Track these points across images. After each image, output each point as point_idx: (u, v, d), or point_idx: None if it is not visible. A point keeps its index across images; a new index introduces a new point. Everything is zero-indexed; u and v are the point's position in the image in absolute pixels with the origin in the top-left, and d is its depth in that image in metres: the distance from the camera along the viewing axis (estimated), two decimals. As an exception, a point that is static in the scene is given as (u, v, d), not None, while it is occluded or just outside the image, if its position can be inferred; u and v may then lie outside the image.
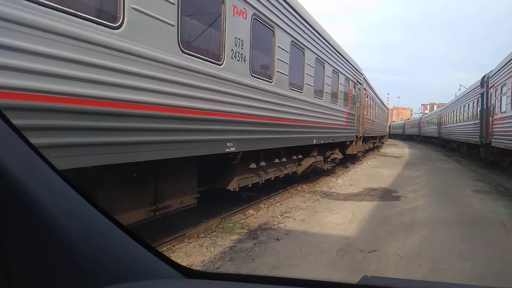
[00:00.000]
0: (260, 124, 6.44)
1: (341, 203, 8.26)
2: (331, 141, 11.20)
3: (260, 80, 6.39)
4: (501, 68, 13.94)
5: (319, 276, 4.14)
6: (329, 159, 12.24)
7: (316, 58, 9.59)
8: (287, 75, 7.54)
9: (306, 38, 8.71)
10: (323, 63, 10.29)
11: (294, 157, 8.97)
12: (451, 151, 28.43)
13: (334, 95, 11.61)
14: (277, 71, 7.07)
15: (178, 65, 4.23)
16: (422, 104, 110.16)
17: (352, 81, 14.57)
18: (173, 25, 4.06)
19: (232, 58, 5.46)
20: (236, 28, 5.52)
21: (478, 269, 4.40)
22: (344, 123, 13.04)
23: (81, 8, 3.03)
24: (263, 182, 7.44)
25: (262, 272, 4.12)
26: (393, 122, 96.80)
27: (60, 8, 2.83)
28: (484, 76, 17.10)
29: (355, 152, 16.21)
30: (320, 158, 10.74)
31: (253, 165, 6.83)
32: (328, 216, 6.92)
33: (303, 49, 8.58)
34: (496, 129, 14.38)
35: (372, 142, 25.34)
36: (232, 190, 6.36)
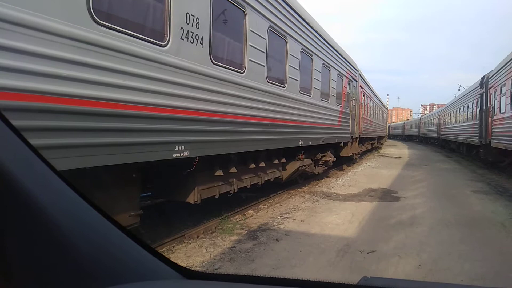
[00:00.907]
0: (226, 124, 5.29)
1: (340, 203, 8.25)
2: (321, 143, 10.00)
3: (226, 70, 5.26)
4: (500, 69, 13.96)
5: (319, 276, 4.14)
6: (320, 162, 11.15)
7: (302, 49, 8.40)
8: (263, 66, 6.43)
9: (289, 25, 7.54)
10: (311, 55, 9.07)
11: (276, 161, 7.86)
12: (451, 151, 28.46)
13: (324, 92, 10.36)
14: (250, 60, 5.96)
15: (93, 42, 3.14)
16: (421, 105, 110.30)
17: (346, 77, 13.21)
18: None
19: (182, 39, 4.33)
20: (188, 1, 4.49)
21: (478, 270, 4.40)
22: (337, 123, 11.82)
23: None
24: (235, 191, 6.44)
25: (261, 273, 4.12)
26: (393, 122, 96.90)
27: None
28: (484, 76, 17.12)
29: (350, 154, 14.98)
30: (309, 161, 9.61)
31: (219, 172, 5.69)
32: (327, 216, 6.92)
33: (285, 37, 7.41)
34: (495, 130, 14.39)
35: (370, 143, 24.19)
36: (192, 203, 5.34)
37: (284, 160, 8.27)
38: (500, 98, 13.75)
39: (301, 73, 8.35)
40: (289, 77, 7.71)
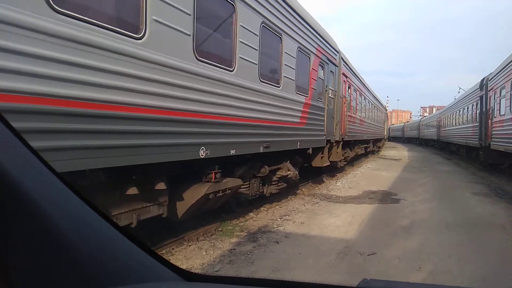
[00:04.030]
0: None
1: (340, 205, 8.25)
2: (262, 150, 6.36)
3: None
4: (500, 71, 13.98)
5: (319, 279, 4.14)
6: (274, 179, 7.75)
7: None
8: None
9: None
10: (233, 2, 5.33)
11: (133, 190, 4.03)
12: (450, 153, 28.45)
13: (269, 71, 6.87)
14: None
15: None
16: (421, 107, 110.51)
17: (316, 56, 9.27)
18: None
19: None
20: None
21: (478, 272, 4.40)
22: (298, 120, 8.12)
23: None
24: None
25: (261, 275, 4.11)
26: (392, 124, 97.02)
27: None
28: (484, 79, 17.15)
29: (326, 164, 10.90)
30: (236, 182, 5.94)
31: None
32: (327, 219, 6.92)
33: None
34: (495, 132, 14.40)
35: (364, 147, 20.51)
36: None
37: (162, 186, 4.34)
38: (500, 100, 13.76)
39: (201, 26, 4.64)
40: (155, 20, 3.81)
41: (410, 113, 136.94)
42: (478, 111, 17.85)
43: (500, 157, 14.44)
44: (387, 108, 54.76)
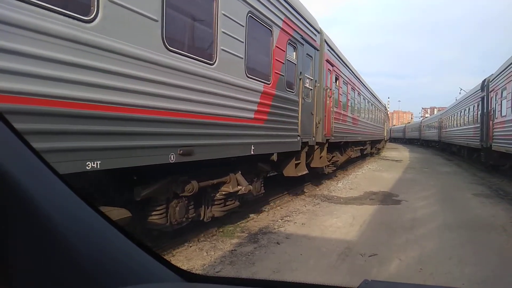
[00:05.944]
0: None
1: (341, 206, 8.24)
2: (173, 160, 4.06)
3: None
4: (501, 72, 13.97)
5: (320, 280, 4.14)
6: (218, 196, 5.72)
7: None
8: None
9: None
10: None
11: None
12: (452, 155, 28.41)
13: (188, 37, 4.76)
14: None
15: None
16: (422, 108, 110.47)
17: (283, 31, 6.98)
18: None
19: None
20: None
21: (479, 274, 4.39)
22: (251, 116, 5.85)
23: None
24: None
25: (262, 276, 4.11)
26: (394, 125, 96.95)
27: None
28: (485, 80, 17.15)
29: (303, 173, 8.51)
30: (116, 214, 3.45)
31: None
32: (328, 220, 6.91)
33: None
34: (496, 133, 14.38)
35: (359, 149, 18.39)
36: None
37: None
38: (501, 101, 13.75)
39: None
40: None
41: (411, 114, 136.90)
42: (479, 112, 17.84)
43: (501, 158, 14.42)
44: (388, 108, 54.55)
